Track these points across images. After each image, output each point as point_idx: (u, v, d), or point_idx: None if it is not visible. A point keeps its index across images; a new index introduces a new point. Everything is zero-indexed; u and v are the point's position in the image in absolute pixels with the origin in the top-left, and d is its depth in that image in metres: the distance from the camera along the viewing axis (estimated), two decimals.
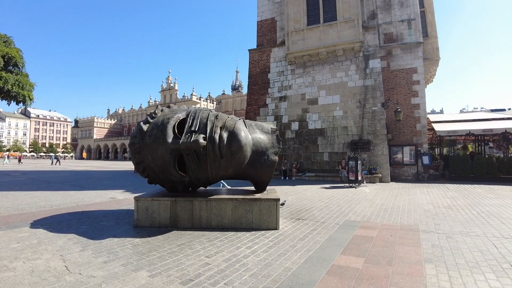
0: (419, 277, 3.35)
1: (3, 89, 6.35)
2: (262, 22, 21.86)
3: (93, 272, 3.42)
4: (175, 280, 3.24)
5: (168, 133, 5.29)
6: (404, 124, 17.60)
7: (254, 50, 21.81)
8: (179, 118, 5.63)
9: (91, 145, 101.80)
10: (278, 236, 5.07)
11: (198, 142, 5.03)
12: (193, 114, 5.69)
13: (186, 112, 5.87)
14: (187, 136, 5.20)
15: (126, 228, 5.61)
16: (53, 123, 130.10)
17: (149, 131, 5.54)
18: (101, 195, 10.38)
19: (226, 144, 5.30)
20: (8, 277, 3.26)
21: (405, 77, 17.85)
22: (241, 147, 5.33)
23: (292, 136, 19.33)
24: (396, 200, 9.41)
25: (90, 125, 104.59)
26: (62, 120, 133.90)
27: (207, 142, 5.19)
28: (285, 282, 3.20)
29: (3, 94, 6.54)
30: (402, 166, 17.82)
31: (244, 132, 5.54)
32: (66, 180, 16.86)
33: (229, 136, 5.36)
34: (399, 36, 18.18)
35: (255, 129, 6.18)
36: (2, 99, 6.88)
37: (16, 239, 4.78)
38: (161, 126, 5.44)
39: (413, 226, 5.97)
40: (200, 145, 5.04)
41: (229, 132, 5.41)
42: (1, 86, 6.29)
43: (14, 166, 38.24)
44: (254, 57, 21.68)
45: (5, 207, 7.72)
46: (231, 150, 5.31)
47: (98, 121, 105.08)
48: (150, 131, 5.53)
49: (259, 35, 21.92)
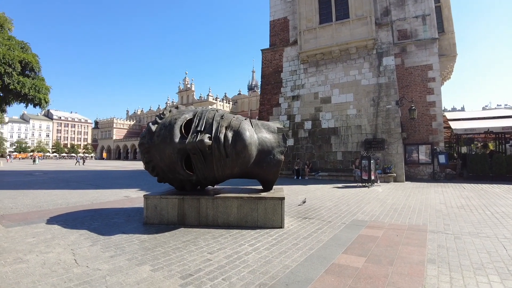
0: (419, 278, 3.33)
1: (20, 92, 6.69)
2: (274, 22, 21.88)
3: (99, 265, 3.59)
4: (175, 274, 3.35)
5: (175, 133, 5.43)
6: (419, 122, 17.24)
7: (266, 50, 21.86)
8: (186, 119, 5.76)
9: (110, 145, 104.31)
10: (282, 235, 5.12)
11: (204, 142, 5.14)
12: (200, 115, 5.81)
13: (193, 112, 6.00)
14: (193, 136, 5.32)
15: (136, 225, 5.79)
16: (74, 124, 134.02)
17: (158, 132, 5.70)
18: (116, 194, 10.68)
19: (231, 143, 5.39)
20: (21, 268, 3.50)
21: (420, 74, 17.48)
22: (246, 146, 5.41)
23: (305, 136, 19.24)
24: (408, 200, 9.26)
25: (109, 126, 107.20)
26: (83, 121, 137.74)
27: (212, 142, 5.30)
28: (282, 279, 3.25)
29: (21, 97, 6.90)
30: (418, 165, 17.46)
31: (249, 132, 5.60)
32: (84, 179, 17.41)
33: (234, 136, 5.44)
34: (413, 32, 17.82)
35: (261, 128, 6.24)
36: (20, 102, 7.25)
37: (32, 234, 5.04)
38: (169, 126, 5.59)
39: (421, 226, 5.88)
40: (205, 145, 5.16)
41: (234, 131, 5.50)
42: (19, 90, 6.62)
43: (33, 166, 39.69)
44: (266, 56, 21.73)
45: (25, 205, 8.09)
46: (236, 149, 5.39)
47: (118, 122, 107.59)
48: (158, 131, 5.69)
49: (272, 35, 21.94)
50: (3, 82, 6.76)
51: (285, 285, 3.11)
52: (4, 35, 7.42)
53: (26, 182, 14.91)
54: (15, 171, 25.69)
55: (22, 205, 8.06)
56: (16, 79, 6.96)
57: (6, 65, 6.70)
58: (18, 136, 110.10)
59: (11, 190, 11.35)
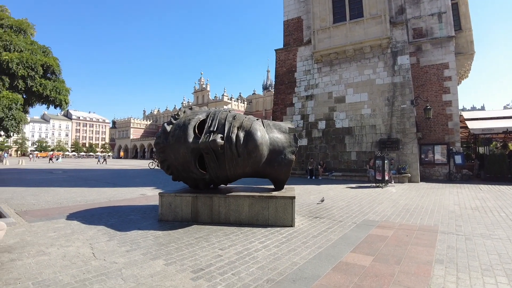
0: (425, 277, 3.37)
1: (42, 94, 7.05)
2: (288, 22, 21.90)
3: (116, 259, 3.80)
4: (187, 268, 3.52)
5: (189, 133, 5.61)
6: (435, 122, 16.95)
7: (280, 49, 21.90)
8: (200, 119, 5.94)
9: (128, 145, 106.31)
10: (292, 233, 5.22)
11: (216, 142, 5.30)
12: (213, 115, 5.98)
13: (206, 113, 6.17)
14: (206, 136, 5.49)
15: (151, 222, 6.01)
16: (92, 124, 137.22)
17: (172, 132, 5.91)
18: (132, 192, 11.00)
19: (243, 143, 5.52)
20: (44, 260, 3.76)
21: (436, 73, 17.18)
22: (257, 146, 5.53)
23: (319, 135, 19.19)
24: (421, 201, 9.19)
25: (127, 126, 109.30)
26: (101, 121, 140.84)
27: (225, 142, 5.45)
28: (290, 276, 3.36)
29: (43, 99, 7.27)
30: (433, 165, 17.18)
31: (260, 132, 5.72)
32: (102, 178, 17.92)
33: (245, 136, 5.58)
34: (429, 30, 17.52)
35: (272, 128, 6.35)
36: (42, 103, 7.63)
37: (53, 229, 5.32)
38: (183, 126, 5.78)
39: (433, 227, 5.87)
40: (217, 145, 5.32)
41: (246, 132, 5.63)
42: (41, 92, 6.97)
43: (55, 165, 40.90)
44: (280, 56, 21.78)
45: (46, 201, 8.46)
46: (247, 149, 5.53)
47: (135, 122, 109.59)
48: (173, 131, 5.89)
49: (286, 35, 21.97)
50: (26, 85, 7.12)
51: (292, 281, 3.21)
52: (27, 40, 7.81)
53: (47, 180, 15.48)
54: (36, 169, 26.63)
55: (44, 201, 8.44)
56: (39, 82, 7.32)
57: (29, 69, 7.06)
58: (39, 135, 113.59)
59: (33, 188, 11.85)
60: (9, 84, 6.62)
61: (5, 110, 6.43)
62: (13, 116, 6.59)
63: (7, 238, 4.62)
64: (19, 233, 4.98)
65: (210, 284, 3.12)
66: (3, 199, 8.70)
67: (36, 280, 3.16)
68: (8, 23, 7.53)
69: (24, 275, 3.29)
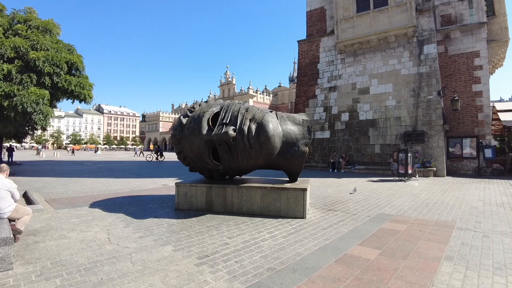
0: (430, 273, 3.31)
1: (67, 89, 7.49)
2: (311, 12, 21.53)
3: (128, 244, 4.05)
4: (193, 255, 3.69)
5: (203, 125, 5.76)
6: (463, 113, 16.17)
7: (303, 41, 21.61)
8: (214, 112, 6.07)
9: (157, 137, 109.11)
10: (302, 225, 5.26)
11: (228, 134, 5.41)
12: (226, 108, 6.08)
13: (221, 105, 6.29)
14: (219, 128, 5.61)
15: (167, 211, 6.26)
16: (123, 118, 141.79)
17: (188, 124, 6.09)
18: (155, 182, 11.42)
19: (255, 135, 5.59)
20: (64, 243, 4.09)
21: (466, 62, 16.32)
22: (269, 138, 5.58)
23: (342, 128, 18.87)
24: (443, 195, 8.89)
25: (156, 119, 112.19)
26: (131, 115, 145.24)
27: (237, 134, 5.55)
28: (291, 266, 3.43)
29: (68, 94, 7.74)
30: (461, 159, 16.45)
31: (272, 124, 5.76)
32: (128, 169, 18.66)
33: (257, 128, 5.64)
34: (458, 17, 16.63)
35: (286, 120, 6.38)
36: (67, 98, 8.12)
37: (76, 215, 5.70)
38: (197, 119, 5.93)
39: (450, 222, 5.70)
40: (229, 136, 5.43)
41: (258, 124, 5.69)
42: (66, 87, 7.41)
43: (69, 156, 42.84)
44: (303, 48, 21.51)
45: (74, 190, 9.00)
46: (259, 141, 5.59)
47: (163, 115, 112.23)
48: (189, 123, 6.07)
49: (309, 25, 21.64)
50: (52, 81, 7.56)
51: (292, 271, 3.28)
52: (53, 39, 8.28)
53: (77, 171, 16.35)
54: (69, 161, 28.11)
55: (71, 191, 8.98)
56: (64, 78, 7.76)
57: (54, 66, 7.49)
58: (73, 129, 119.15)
59: (64, 178, 12.59)
60: (36, 80, 7.09)
61: (33, 105, 6.89)
62: (41, 111, 7.05)
63: (34, 223, 5.01)
64: (45, 219, 5.38)
65: (212, 270, 3.26)
66: (36, 188, 9.34)
67: (54, 260, 3.46)
68: (35, 24, 8.01)
69: (44, 255, 3.61)
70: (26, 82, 6.89)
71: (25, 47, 7.23)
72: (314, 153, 19.61)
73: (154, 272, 3.18)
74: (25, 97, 6.71)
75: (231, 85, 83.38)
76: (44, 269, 3.21)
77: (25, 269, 3.21)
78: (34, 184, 10.16)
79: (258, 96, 79.09)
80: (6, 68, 6.82)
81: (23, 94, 6.73)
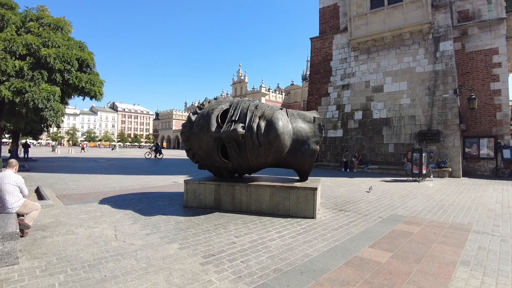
0: (444, 279, 3.15)
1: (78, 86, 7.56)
2: (324, 9, 21.24)
3: (134, 241, 4.02)
4: (199, 253, 3.62)
5: (212, 122, 5.69)
6: (481, 112, 15.67)
7: (316, 38, 21.34)
8: (223, 109, 5.99)
9: (170, 135, 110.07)
10: (312, 225, 5.14)
11: (237, 131, 5.32)
12: (235, 105, 5.99)
13: (230, 103, 6.20)
14: (228, 125, 5.53)
15: (176, 208, 6.24)
16: (137, 115, 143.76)
17: (197, 121, 6.03)
18: (166, 179, 11.45)
19: (264, 132, 5.48)
20: (70, 239, 4.09)
21: (483, 59, 15.79)
22: (278, 135, 5.47)
23: (355, 126, 18.55)
24: (458, 197, 8.61)
25: (169, 117, 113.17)
26: (145, 113, 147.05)
27: (246, 131, 5.45)
28: (298, 267, 3.33)
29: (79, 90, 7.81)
30: (478, 160, 15.94)
31: (282, 122, 5.64)
32: (140, 166, 18.84)
33: (266, 125, 5.53)
34: (476, 13, 16.10)
35: (297, 118, 6.24)
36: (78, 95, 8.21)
37: (85, 211, 5.73)
38: (206, 116, 5.87)
39: (465, 225, 5.48)
40: (238, 134, 5.33)
41: (267, 121, 5.58)
42: (77, 84, 7.49)
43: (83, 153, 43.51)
44: (316, 45, 21.24)
45: (85, 187, 9.09)
46: (268, 138, 5.48)
47: (176, 113, 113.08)
48: (197, 121, 6.01)
49: (321, 22, 21.35)
50: (63, 78, 7.64)
51: (300, 273, 3.18)
52: (65, 37, 8.39)
53: (90, 168, 16.60)
54: (83, 158, 28.59)
55: (82, 187, 9.08)
56: (75, 75, 7.83)
57: (65, 63, 7.58)
58: (88, 126, 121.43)
59: (76, 174, 12.76)
60: (48, 77, 7.18)
61: (44, 101, 6.97)
62: (52, 107, 7.12)
63: (44, 218, 5.05)
64: (55, 214, 5.42)
65: (217, 269, 3.19)
66: (49, 183, 9.47)
67: (60, 256, 3.46)
68: (47, 21, 8.13)
69: (51, 250, 3.61)
70: (37, 78, 6.99)
71: (36, 44, 7.33)
72: (326, 152, 19.38)
73: (158, 270, 3.13)
74: (37, 94, 6.80)
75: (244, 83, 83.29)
76: (49, 265, 3.20)
77: (30, 264, 3.21)
78: (47, 180, 10.31)
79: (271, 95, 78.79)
80: (18, 65, 6.93)
81: (34, 91, 6.83)
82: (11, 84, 6.89)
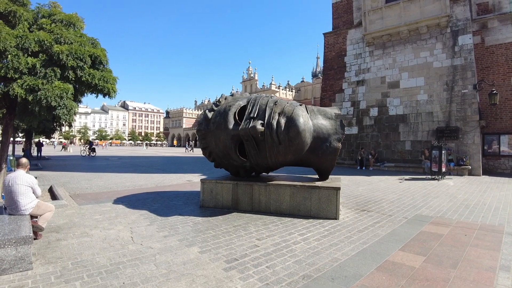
0: (486, 286, 2.91)
1: (91, 83, 7.44)
2: (337, 4, 20.84)
3: (152, 244, 3.83)
4: (221, 258, 3.42)
5: (229, 119, 5.48)
6: (502, 108, 15.10)
7: (329, 33, 20.95)
8: (240, 106, 5.77)
9: (180, 134, 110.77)
10: (336, 226, 4.91)
11: (256, 128, 5.09)
12: (253, 101, 5.76)
13: (247, 99, 5.97)
14: (246, 123, 5.30)
15: (192, 208, 6.06)
16: (147, 114, 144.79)
17: (213, 118, 5.83)
18: (179, 178, 11.33)
19: (284, 130, 5.26)
20: (85, 241, 3.92)
21: (504, 53, 15.18)
22: (299, 133, 5.23)
23: (371, 123, 18.15)
24: (483, 196, 8.25)
25: (179, 115, 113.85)
26: (155, 111, 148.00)
27: (265, 128, 5.22)
28: (328, 273, 3.11)
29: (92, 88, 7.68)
30: (499, 157, 15.40)
31: (303, 118, 5.40)
32: (153, 164, 18.82)
33: (287, 122, 5.30)
34: (496, 5, 15.49)
35: (317, 114, 5.99)
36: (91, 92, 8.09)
37: (99, 212, 5.59)
38: (223, 113, 5.66)
39: (497, 226, 5.17)
40: (257, 131, 5.10)
41: (287, 118, 5.35)
42: (90, 81, 7.37)
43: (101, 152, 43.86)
44: (329, 40, 20.86)
45: (98, 186, 9.01)
46: (288, 136, 5.25)
47: (187, 112, 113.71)
48: (214, 118, 5.81)
49: (335, 17, 20.97)
50: (76, 75, 7.51)
51: (331, 279, 2.96)
52: (77, 33, 8.26)
53: (102, 166, 16.63)
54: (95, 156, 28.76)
55: (95, 186, 8.99)
56: (87, 72, 7.69)
57: (78, 60, 7.44)
58: (99, 125, 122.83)
59: (89, 173, 12.75)
60: (60, 74, 7.07)
61: (57, 99, 6.84)
62: (65, 105, 6.99)
63: (57, 219, 4.93)
64: (69, 215, 5.30)
65: (243, 276, 2.99)
66: (62, 182, 9.43)
67: (76, 260, 3.30)
68: (59, 17, 8.02)
69: (66, 254, 3.45)
70: (50, 76, 6.87)
71: (49, 40, 7.21)
72: (341, 150, 19.03)
73: (179, 276, 2.94)
74: (49, 91, 6.68)
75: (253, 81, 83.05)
76: (64, 270, 3.03)
77: (45, 270, 3.04)
78: (60, 179, 10.29)
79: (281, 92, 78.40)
80: (30, 62, 6.82)
81: (47, 88, 6.71)
82: (23, 81, 6.77)
